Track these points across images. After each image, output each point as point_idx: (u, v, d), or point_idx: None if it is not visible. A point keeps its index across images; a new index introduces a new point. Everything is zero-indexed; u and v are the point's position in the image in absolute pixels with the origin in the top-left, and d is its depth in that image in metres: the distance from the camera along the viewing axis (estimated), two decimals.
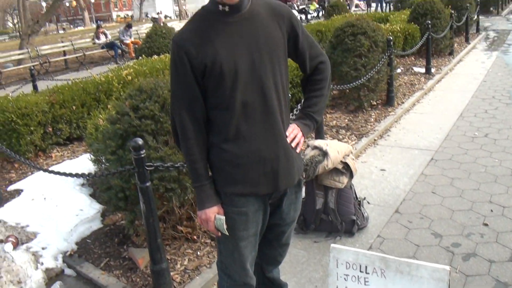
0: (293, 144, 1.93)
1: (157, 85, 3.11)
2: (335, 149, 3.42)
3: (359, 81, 6.02)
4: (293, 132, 1.94)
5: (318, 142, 3.48)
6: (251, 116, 1.80)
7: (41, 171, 3.71)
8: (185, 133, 1.84)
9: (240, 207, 1.89)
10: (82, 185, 4.72)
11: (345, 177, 3.44)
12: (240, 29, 1.78)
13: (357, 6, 31.20)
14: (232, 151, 1.83)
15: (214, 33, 1.76)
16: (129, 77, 6.12)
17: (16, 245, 3.57)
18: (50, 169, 4.89)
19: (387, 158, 5.14)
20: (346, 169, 3.45)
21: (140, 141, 2.54)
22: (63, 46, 17.53)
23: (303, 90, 2.11)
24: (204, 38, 1.76)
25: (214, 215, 1.88)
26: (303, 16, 24.33)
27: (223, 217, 1.87)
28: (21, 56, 16.22)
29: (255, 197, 1.90)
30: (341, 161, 3.43)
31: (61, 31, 48.96)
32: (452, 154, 5.08)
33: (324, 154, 3.36)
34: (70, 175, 3.19)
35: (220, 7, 1.77)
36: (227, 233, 1.89)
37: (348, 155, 3.50)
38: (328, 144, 3.45)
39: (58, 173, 3.30)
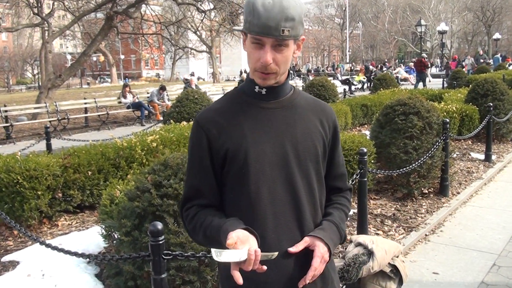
0: (308, 280, 1.63)
1: (184, 161, 3.08)
2: (382, 248, 3.26)
3: (411, 166, 5.89)
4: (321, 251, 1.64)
5: (363, 238, 3.33)
6: (280, 223, 1.64)
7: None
8: (194, 223, 1.70)
9: None
10: (88, 262, 4.62)
11: (393, 283, 3.25)
12: (275, 117, 1.70)
13: (405, 79, 31.48)
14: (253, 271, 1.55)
15: (243, 116, 1.68)
16: (154, 144, 6.16)
17: None
18: (54, 241, 4.89)
19: (440, 259, 4.89)
20: (395, 274, 3.26)
21: (159, 225, 2.45)
22: (85, 103, 17.96)
23: None
24: (230, 119, 1.68)
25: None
26: (347, 87, 24.70)
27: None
28: (37, 110, 16.31)
29: None
30: (389, 263, 3.26)
31: (85, 86, 51.12)
32: None
33: (369, 253, 3.20)
34: (76, 254, 3.12)
35: (257, 88, 1.70)
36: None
37: (397, 256, 3.33)
38: (374, 241, 3.30)
39: (62, 250, 3.23)
